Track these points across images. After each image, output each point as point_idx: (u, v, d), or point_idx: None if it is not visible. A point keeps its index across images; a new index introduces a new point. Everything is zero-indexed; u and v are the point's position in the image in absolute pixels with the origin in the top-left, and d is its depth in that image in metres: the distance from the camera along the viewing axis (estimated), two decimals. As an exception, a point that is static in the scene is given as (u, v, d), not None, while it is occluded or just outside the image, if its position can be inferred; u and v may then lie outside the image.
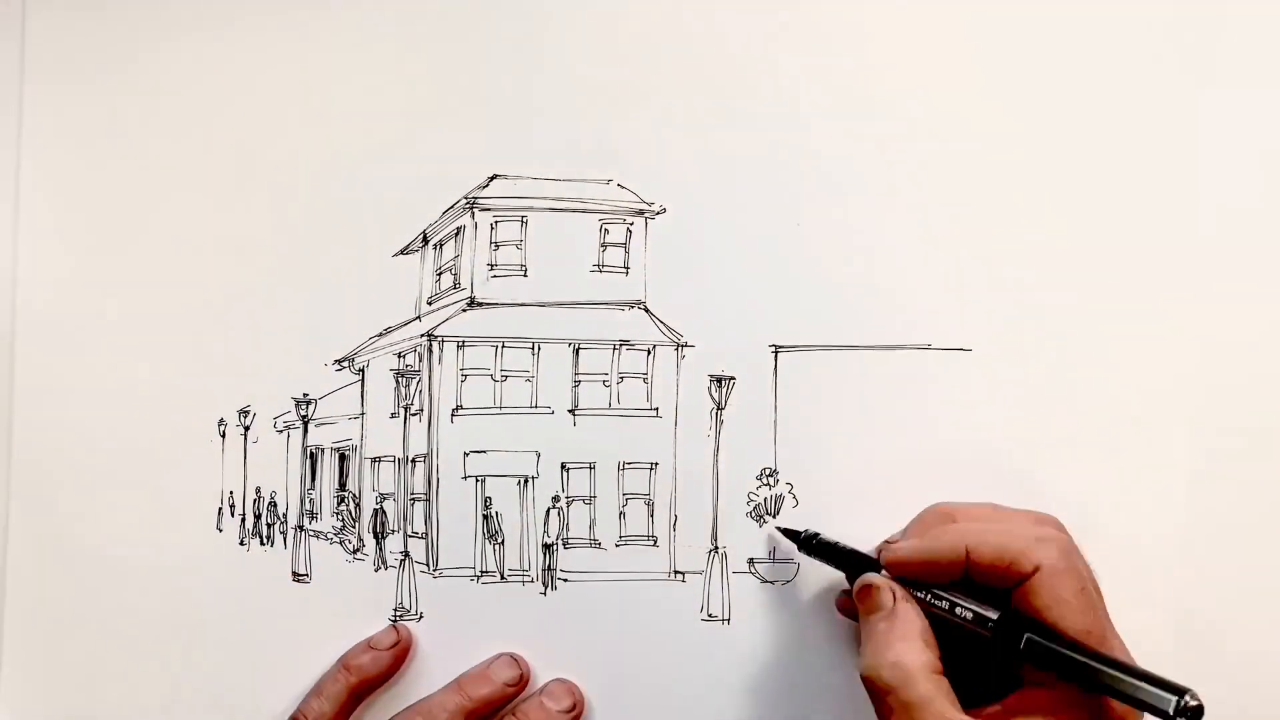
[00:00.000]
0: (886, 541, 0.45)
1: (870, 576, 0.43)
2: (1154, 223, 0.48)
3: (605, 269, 0.49)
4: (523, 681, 0.48)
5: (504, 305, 0.49)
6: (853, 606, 0.44)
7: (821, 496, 0.49)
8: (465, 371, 0.49)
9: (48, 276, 0.49)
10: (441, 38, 0.49)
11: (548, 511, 0.49)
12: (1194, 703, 0.36)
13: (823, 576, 0.48)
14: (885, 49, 0.49)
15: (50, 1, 0.49)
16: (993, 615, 0.40)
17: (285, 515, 0.49)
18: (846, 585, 0.45)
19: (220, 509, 0.49)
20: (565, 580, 0.49)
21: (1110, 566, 0.42)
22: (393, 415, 0.50)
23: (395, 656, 0.48)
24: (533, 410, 0.49)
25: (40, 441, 0.49)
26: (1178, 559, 0.48)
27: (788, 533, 0.48)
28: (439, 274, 0.49)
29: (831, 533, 0.48)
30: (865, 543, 0.47)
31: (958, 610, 0.41)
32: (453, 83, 0.49)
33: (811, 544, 0.47)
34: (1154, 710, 0.36)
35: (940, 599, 0.42)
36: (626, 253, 0.49)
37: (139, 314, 0.49)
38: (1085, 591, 0.40)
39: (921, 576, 0.42)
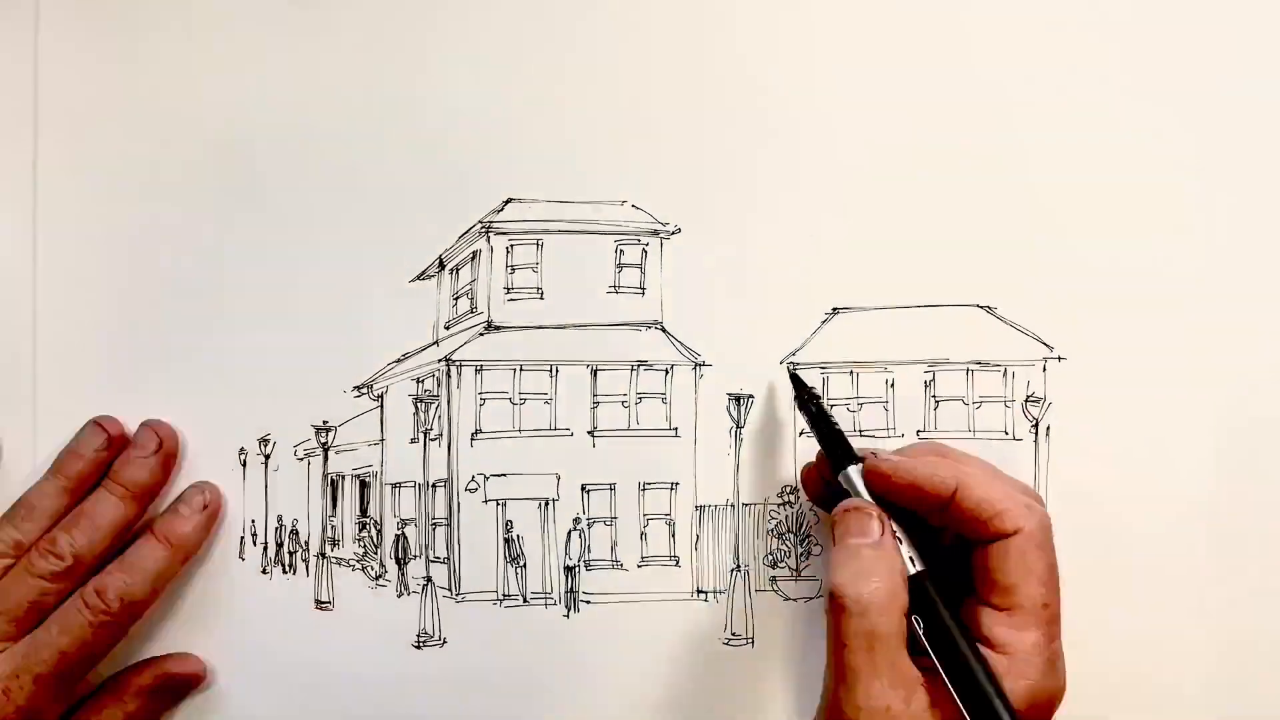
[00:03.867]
0: (873, 451, 0.43)
1: (860, 502, 0.42)
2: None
3: (621, 290, 0.49)
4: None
5: (521, 328, 0.50)
6: (816, 486, 0.45)
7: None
8: (484, 395, 0.50)
9: (66, 309, 0.49)
10: (454, 62, 0.49)
11: (569, 533, 0.49)
12: None
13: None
14: (903, 64, 0.49)
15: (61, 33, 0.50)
16: (919, 568, 0.41)
17: (307, 543, 0.49)
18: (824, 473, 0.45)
19: (242, 538, 0.49)
20: (588, 602, 0.49)
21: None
22: (412, 440, 0.50)
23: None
24: (552, 432, 0.49)
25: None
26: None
27: (796, 379, 0.47)
28: (456, 298, 0.49)
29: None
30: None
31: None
32: (466, 107, 0.49)
33: (811, 405, 0.46)
34: None
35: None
36: (642, 273, 0.49)
37: (157, 344, 0.49)
38: (1053, 570, 0.40)
39: (898, 498, 0.42)
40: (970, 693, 0.38)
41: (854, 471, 0.43)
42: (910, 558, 0.41)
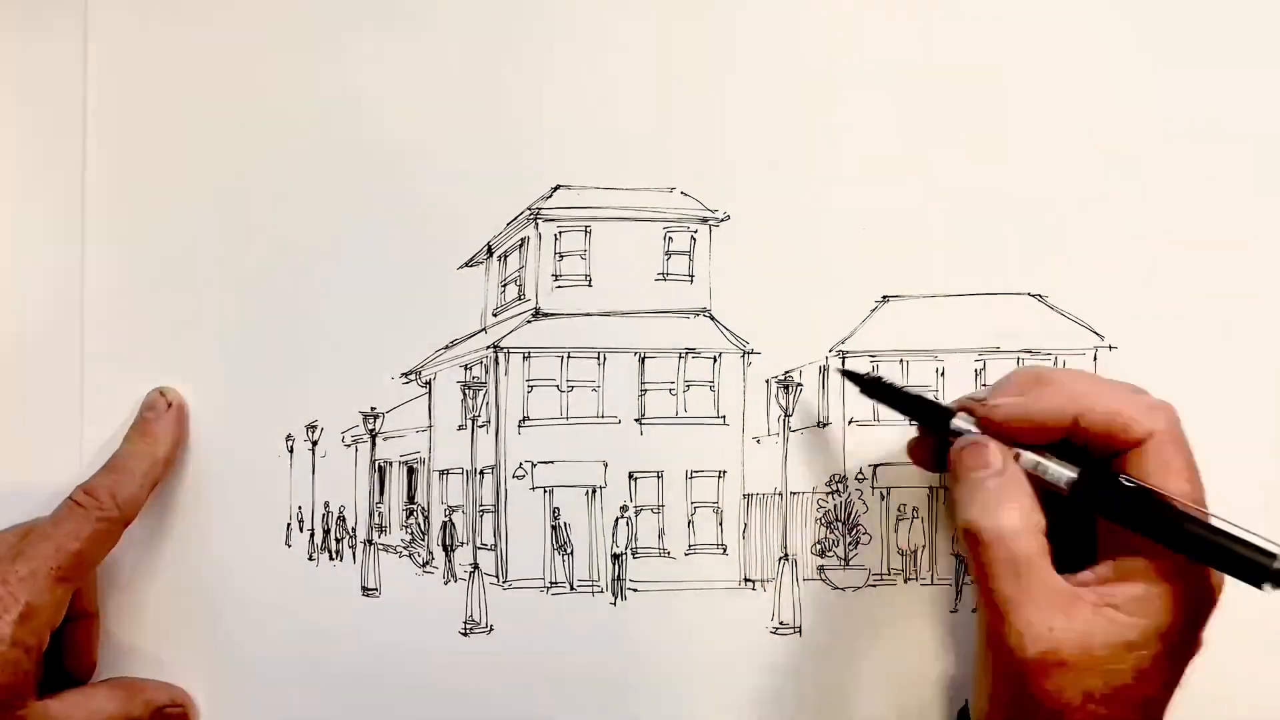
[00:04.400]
0: (971, 397, 0.42)
1: (974, 437, 0.41)
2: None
3: (670, 277, 0.49)
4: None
5: (569, 315, 0.49)
6: (925, 453, 0.44)
7: (891, 502, 0.49)
8: (531, 382, 0.49)
9: (114, 295, 0.49)
10: (503, 49, 0.49)
11: (616, 521, 0.49)
12: None
13: (900, 593, 0.48)
14: (954, 52, 0.49)
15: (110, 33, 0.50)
16: (1071, 473, 0.40)
17: (354, 529, 0.49)
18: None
19: (289, 524, 0.49)
20: (635, 590, 0.49)
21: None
22: (460, 427, 0.50)
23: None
24: (599, 420, 0.49)
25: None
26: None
27: (849, 375, 0.45)
28: (504, 285, 0.49)
29: (900, 539, 0.48)
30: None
31: (1039, 468, 0.40)
32: (517, 94, 0.49)
33: (876, 386, 0.44)
34: (1247, 575, 0.36)
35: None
36: (691, 260, 0.49)
37: (206, 330, 0.49)
38: (1192, 463, 0.39)
39: (1019, 438, 0.40)
40: (1199, 544, 0.37)
41: (960, 421, 0.42)
42: (1058, 469, 0.40)
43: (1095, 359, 0.48)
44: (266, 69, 0.49)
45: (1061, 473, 0.40)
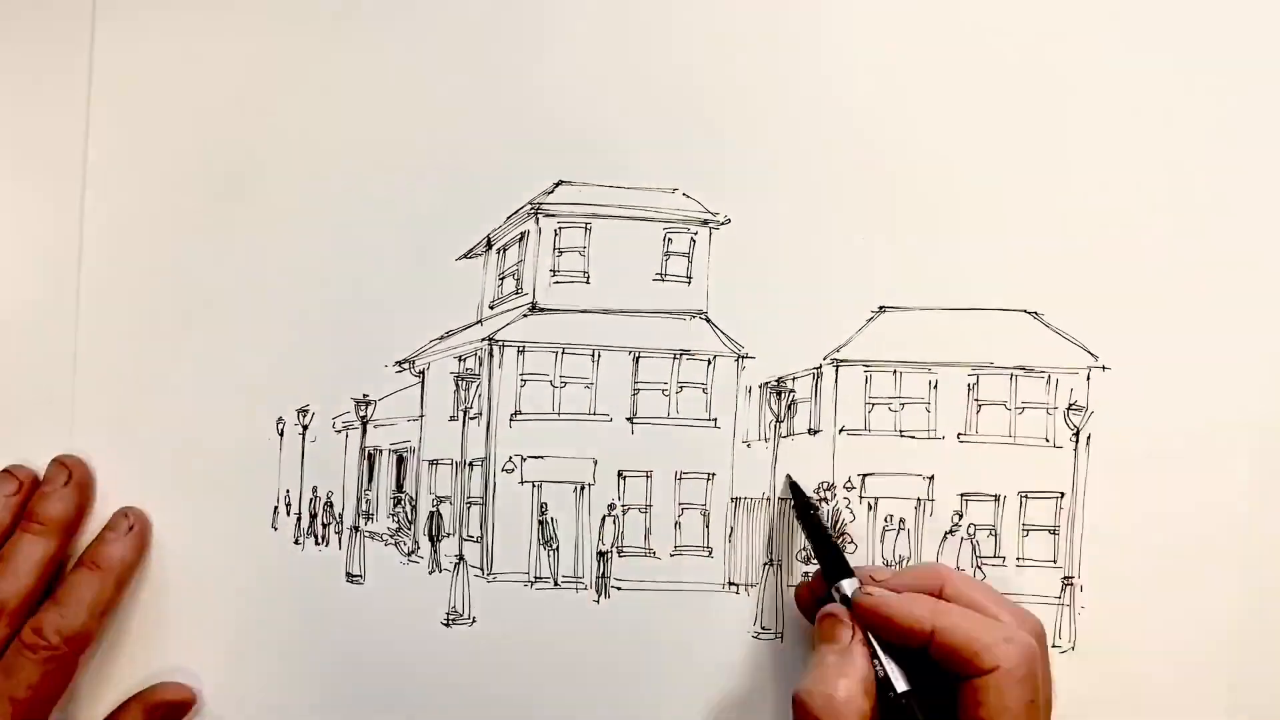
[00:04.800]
0: (870, 572, 0.45)
1: (834, 608, 0.44)
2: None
3: (668, 278, 0.49)
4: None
5: (565, 311, 0.49)
6: (809, 597, 0.46)
7: (878, 512, 0.49)
8: (525, 377, 0.50)
9: (110, 275, 0.49)
10: (509, 43, 0.49)
11: (603, 519, 0.49)
12: None
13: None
14: (955, 66, 0.49)
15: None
16: (903, 686, 0.41)
17: (341, 515, 0.49)
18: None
19: (276, 508, 0.49)
20: (619, 589, 0.49)
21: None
22: (451, 418, 0.50)
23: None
24: (591, 417, 0.49)
25: (98, 438, 0.49)
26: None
27: (795, 488, 0.47)
28: (501, 278, 0.49)
29: (886, 550, 0.48)
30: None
31: (875, 665, 0.42)
32: (521, 88, 0.49)
33: (809, 514, 0.47)
34: None
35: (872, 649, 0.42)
36: (689, 262, 0.49)
37: (200, 311, 0.49)
38: (1033, 705, 0.40)
39: (880, 632, 0.42)
40: None
41: (846, 585, 0.44)
42: (893, 677, 0.42)
43: (1089, 379, 0.48)
44: (267, 61, 0.49)
45: (895, 682, 0.42)
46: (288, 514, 0.49)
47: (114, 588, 0.46)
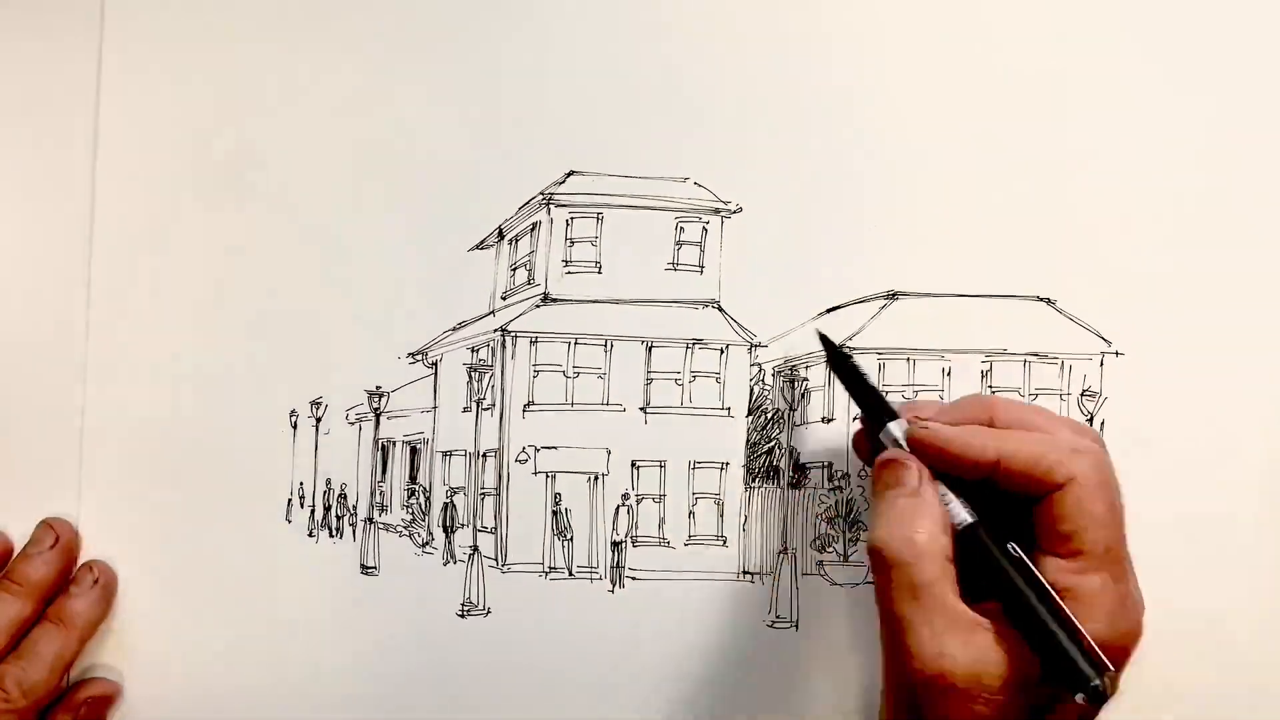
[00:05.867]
0: (915, 409, 0.42)
1: (895, 452, 0.41)
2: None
3: (680, 267, 0.49)
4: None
5: (578, 301, 0.49)
6: (865, 444, 0.43)
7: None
8: (538, 367, 0.50)
9: (121, 264, 0.49)
10: (520, 34, 0.49)
11: (617, 509, 0.49)
12: (1106, 687, 0.35)
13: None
14: (968, 53, 0.49)
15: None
16: (969, 518, 0.39)
17: (355, 507, 0.49)
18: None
19: (290, 500, 0.49)
20: (633, 578, 0.49)
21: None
22: (465, 409, 0.50)
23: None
24: (604, 407, 0.49)
25: (111, 431, 0.49)
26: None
27: (826, 340, 0.45)
28: (514, 269, 0.49)
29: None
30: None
31: (944, 500, 0.40)
32: (533, 78, 0.49)
33: (843, 363, 0.44)
34: (1066, 678, 0.36)
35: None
36: (701, 251, 0.49)
37: (213, 303, 0.49)
38: (1113, 508, 0.39)
39: (941, 466, 0.40)
40: (1036, 630, 0.37)
41: (895, 427, 0.41)
42: (959, 510, 0.40)
43: (1102, 365, 0.48)
44: (279, 52, 0.49)
45: (960, 515, 0.39)
46: (301, 507, 0.49)
47: (77, 643, 0.46)
